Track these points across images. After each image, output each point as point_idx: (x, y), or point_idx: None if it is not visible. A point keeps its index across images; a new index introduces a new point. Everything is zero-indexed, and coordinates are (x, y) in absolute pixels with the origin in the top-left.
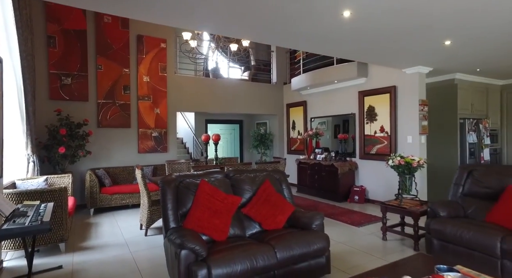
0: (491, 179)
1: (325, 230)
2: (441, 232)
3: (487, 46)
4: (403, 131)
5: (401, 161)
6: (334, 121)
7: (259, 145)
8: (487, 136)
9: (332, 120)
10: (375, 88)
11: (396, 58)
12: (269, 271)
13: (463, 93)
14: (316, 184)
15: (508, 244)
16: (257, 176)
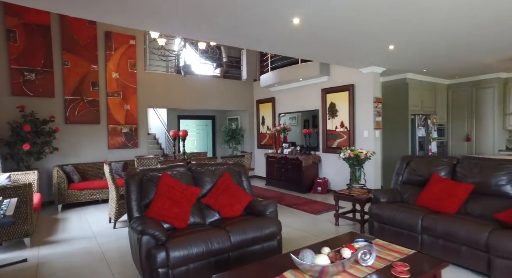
0: (423, 168)
1: (286, 219)
2: (380, 216)
3: (427, 50)
4: (360, 127)
5: (350, 154)
6: (304, 117)
7: (230, 140)
8: (435, 131)
9: (301, 116)
10: (336, 86)
11: (350, 59)
12: (224, 253)
13: (414, 92)
14: (283, 176)
15: (426, 222)
16: (217, 169)
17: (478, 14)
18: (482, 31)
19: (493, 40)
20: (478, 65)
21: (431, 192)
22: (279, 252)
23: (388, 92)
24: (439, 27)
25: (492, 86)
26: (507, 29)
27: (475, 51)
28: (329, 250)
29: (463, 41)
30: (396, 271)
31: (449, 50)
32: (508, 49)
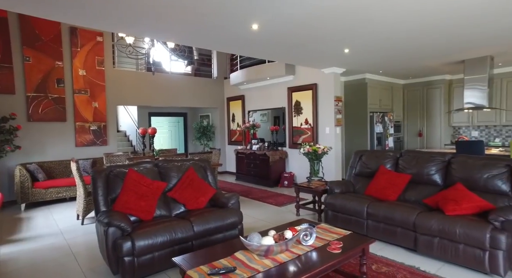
0: (372, 162)
1: (252, 211)
2: (333, 205)
3: (380, 54)
4: (323, 123)
5: (309, 149)
6: (274, 114)
7: (201, 136)
8: (391, 127)
9: (271, 113)
10: (300, 85)
11: (310, 60)
12: (188, 241)
13: (372, 91)
14: (252, 171)
15: (371, 209)
16: (183, 165)
17: (423, 23)
18: (427, 39)
19: (437, 46)
20: (426, 68)
21: (378, 182)
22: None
23: (350, 91)
24: (388, 34)
25: (439, 86)
26: (447, 37)
27: (421, 55)
28: (275, 232)
29: (410, 47)
30: (330, 248)
31: (399, 54)
32: (449, 54)
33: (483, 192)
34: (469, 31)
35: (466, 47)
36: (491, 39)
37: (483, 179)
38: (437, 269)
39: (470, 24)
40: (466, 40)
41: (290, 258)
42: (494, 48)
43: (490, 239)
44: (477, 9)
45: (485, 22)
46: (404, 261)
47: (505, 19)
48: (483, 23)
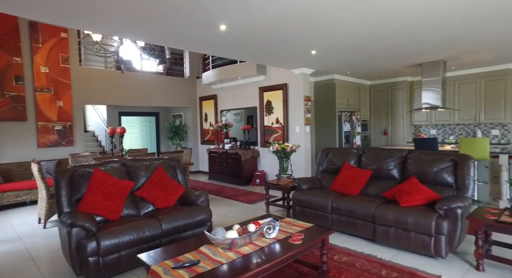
0: (337, 158)
1: (223, 208)
2: (300, 200)
3: (345, 56)
4: (293, 123)
5: (278, 147)
6: (247, 113)
7: (174, 136)
8: (359, 126)
9: (244, 112)
10: (271, 85)
11: (279, 61)
12: (156, 240)
13: (341, 91)
14: (224, 170)
15: (335, 203)
16: (152, 164)
17: (383, 28)
18: (385, 43)
19: (395, 50)
20: (389, 69)
21: (342, 178)
22: None
23: (319, 91)
24: (352, 37)
25: (402, 88)
26: (402, 42)
27: (383, 57)
28: (239, 226)
29: (372, 49)
30: (292, 240)
31: (362, 56)
32: (407, 57)
33: (433, 184)
34: (420, 37)
35: (421, 52)
36: (441, 44)
37: (432, 172)
38: (391, 256)
39: (421, 31)
40: (420, 45)
41: (253, 250)
42: (445, 53)
43: (435, 226)
44: (426, 18)
45: (434, 30)
46: (363, 250)
47: (451, 28)
48: (432, 30)
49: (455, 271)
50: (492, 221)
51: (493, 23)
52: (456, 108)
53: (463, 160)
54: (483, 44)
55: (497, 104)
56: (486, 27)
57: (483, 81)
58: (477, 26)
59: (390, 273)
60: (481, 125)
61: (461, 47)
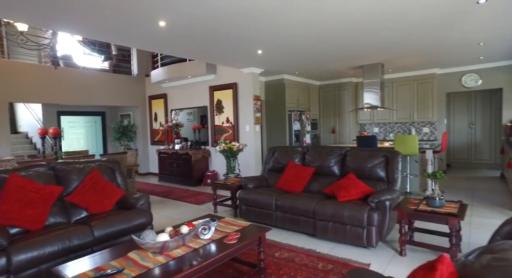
0: (283, 157)
1: (170, 211)
2: (246, 199)
3: (290, 56)
4: (243, 122)
5: (224, 147)
6: (201, 112)
7: (121, 137)
8: (309, 125)
9: (197, 112)
10: (222, 84)
11: (226, 60)
12: (87, 248)
13: (290, 91)
14: (175, 171)
15: (279, 201)
16: (86, 166)
17: (325, 30)
18: (326, 45)
19: (340, 52)
20: (334, 71)
21: (286, 176)
22: None
23: (270, 91)
24: (295, 38)
25: (348, 88)
26: (346, 44)
27: (328, 59)
28: (172, 229)
29: (317, 51)
30: (227, 240)
31: (308, 57)
32: (350, 60)
33: (368, 179)
34: (360, 40)
35: (362, 54)
36: (378, 48)
37: (368, 168)
38: (330, 249)
39: (360, 35)
40: (360, 48)
41: (186, 252)
42: (382, 57)
43: (367, 218)
44: (364, 22)
45: (371, 34)
46: (304, 245)
47: (386, 33)
48: (370, 35)
49: (383, 257)
50: (412, 210)
51: (418, 30)
52: (394, 108)
53: (393, 156)
54: (413, 50)
55: (426, 105)
56: (413, 34)
57: (415, 84)
58: (407, 33)
59: (326, 266)
60: (414, 124)
61: (395, 52)
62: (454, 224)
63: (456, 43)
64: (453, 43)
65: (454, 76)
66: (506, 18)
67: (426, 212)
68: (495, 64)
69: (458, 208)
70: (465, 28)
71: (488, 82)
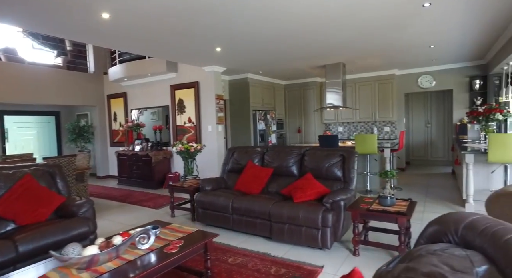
0: (242, 157)
1: (124, 216)
2: (203, 202)
3: (251, 55)
4: (205, 122)
5: (181, 148)
6: (165, 112)
7: (77, 138)
8: (274, 125)
9: (162, 111)
10: (183, 82)
11: (184, 57)
12: (8, 266)
13: (255, 90)
14: (135, 174)
15: (235, 203)
16: (17, 172)
17: (282, 28)
18: (288, 43)
19: (300, 51)
20: (298, 70)
21: (245, 177)
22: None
23: (234, 90)
24: (252, 36)
25: (313, 88)
26: (305, 43)
27: (289, 58)
28: (103, 240)
29: (277, 50)
30: (168, 248)
31: (269, 56)
32: (312, 59)
33: (325, 179)
34: (318, 39)
35: (322, 54)
36: (337, 48)
37: (325, 167)
38: (285, 252)
39: (317, 33)
40: (320, 47)
41: (118, 266)
42: (343, 57)
43: (321, 219)
44: (315, 21)
45: (324, 33)
46: (260, 249)
47: (340, 33)
48: (327, 34)
49: (337, 259)
50: (365, 210)
51: (371, 31)
52: (356, 108)
53: (349, 155)
54: (370, 50)
55: (387, 105)
56: (367, 34)
57: (376, 84)
58: (361, 33)
59: (279, 270)
60: (376, 123)
61: (354, 52)
62: (403, 222)
63: (408, 44)
64: (405, 45)
65: (411, 77)
66: (447, 23)
67: (378, 211)
68: (446, 67)
69: (407, 206)
70: (414, 30)
71: (440, 83)
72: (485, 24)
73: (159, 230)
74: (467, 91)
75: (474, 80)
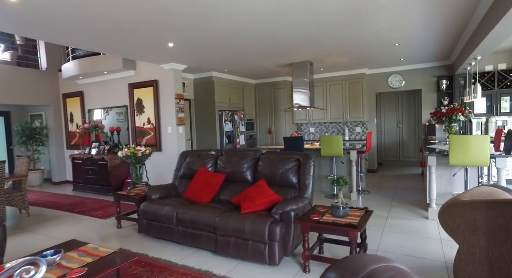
0: (195, 162)
1: (66, 230)
2: (147, 212)
3: (208, 51)
4: (165, 123)
5: (127, 152)
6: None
7: (27, 140)
8: (243, 125)
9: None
10: (142, 81)
11: (132, 52)
12: None
13: (221, 89)
14: (90, 179)
15: (180, 214)
16: None
17: (231, 22)
18: (244, 39)
19: (261, 47)
20: (266, 69)
21: (195, 184)
22: None
23: (199, 89)
24: (206, 32)
25: (283, 87)
26: (267, 39)
27: (249, 55)
28: None
29: (234, 47)
30: None
31: (228, 52)
32: (277, 57)
33: (280, 185)
34: (274, 35)
35: (284, 51)
36: (296, 44)
37: (279, 173)
38: (230, 269)
39: (272, 29)
40: (278, 44)
41: None
42: (308, 54)
43: (268, 232)
44: (273, 15)
45: (284, 28)
46: (202, 266)
47: (297, 28)
48: (283, 28)
49: (285, 276)
50: (314, 222)
51: (332, 27)
52: (327, 108)
53: (305, 159)
54: (335, 48)
55: (358, 105)
56: (328, 30)
57: (347, 83)
58: (321, 29)
59: None
60: (348, 124)
61: (319, 49)
62: (354, 236)
63: (372, 41)
64: (369, 42)
65: (381, 77)
66: (407, 18)
67: (328, 223)
68: (414, 66)
69: (361, 217)
70: (374, 27)
71: (410, 83)
72: (446, 20)
73: (61, 256)
74: (435, 91)
75: (441, 80)
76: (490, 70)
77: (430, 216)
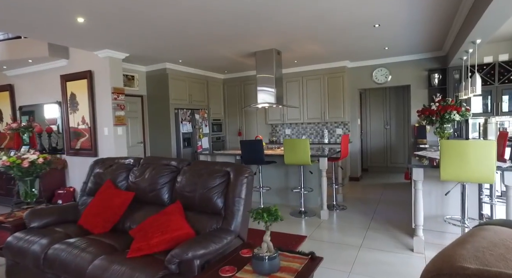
0: (106, 174)
1: None
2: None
3: (142, 32)
4: (102, 123)
5: (5, 162)
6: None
7: None
8: (207, 126)
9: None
10: (75, 72)
11: (35, 30)
12: None
13: (178, 84)
14: (13, 189)
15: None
16: None
17: None
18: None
19: (213, 30)
20: (228, 59)
21: (93, 205)
22: None
23: (152, 84)
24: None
25: (254, 82)
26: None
27: (203, 40)
28: None
29: (175, 28)
30: None
31: (168, 34)
32: (236, 41)
33: (200, 211)
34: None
35: (241, 33)
36: (251, 23)
37: (199, 193)
38: None
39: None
40: (228, 26)
41: None
42: (271, 40)
43: None
44: None
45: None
46: None
47: None
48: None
49: None
50: None
51: None
52: (297, 106)
53: (236, 174)
54: (301, 29)
55: (338, 103)
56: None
57: (325, 78)
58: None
59: None
60: (327, 125)
61: (281, 31)
62: None
63: (344, 19)
64: (341, 21)
65: (365, 71)
66: None
67: None
68: (402, 58)
69: (299, 271)
70: None
71: (397, 78)
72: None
73: None
74: (425, 87)
75: (432, 74)
76: (490, 62)
77: (416, 248)
